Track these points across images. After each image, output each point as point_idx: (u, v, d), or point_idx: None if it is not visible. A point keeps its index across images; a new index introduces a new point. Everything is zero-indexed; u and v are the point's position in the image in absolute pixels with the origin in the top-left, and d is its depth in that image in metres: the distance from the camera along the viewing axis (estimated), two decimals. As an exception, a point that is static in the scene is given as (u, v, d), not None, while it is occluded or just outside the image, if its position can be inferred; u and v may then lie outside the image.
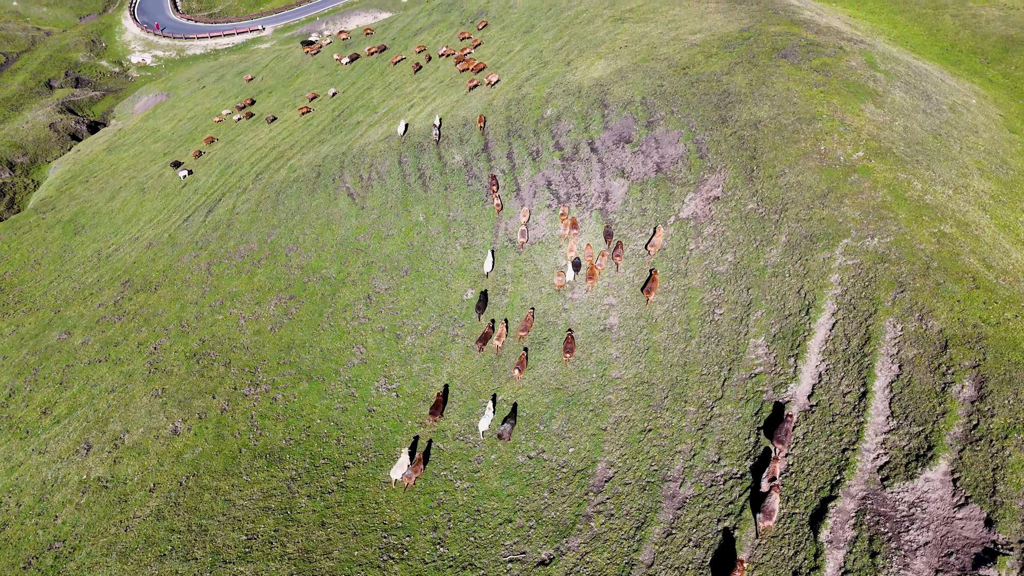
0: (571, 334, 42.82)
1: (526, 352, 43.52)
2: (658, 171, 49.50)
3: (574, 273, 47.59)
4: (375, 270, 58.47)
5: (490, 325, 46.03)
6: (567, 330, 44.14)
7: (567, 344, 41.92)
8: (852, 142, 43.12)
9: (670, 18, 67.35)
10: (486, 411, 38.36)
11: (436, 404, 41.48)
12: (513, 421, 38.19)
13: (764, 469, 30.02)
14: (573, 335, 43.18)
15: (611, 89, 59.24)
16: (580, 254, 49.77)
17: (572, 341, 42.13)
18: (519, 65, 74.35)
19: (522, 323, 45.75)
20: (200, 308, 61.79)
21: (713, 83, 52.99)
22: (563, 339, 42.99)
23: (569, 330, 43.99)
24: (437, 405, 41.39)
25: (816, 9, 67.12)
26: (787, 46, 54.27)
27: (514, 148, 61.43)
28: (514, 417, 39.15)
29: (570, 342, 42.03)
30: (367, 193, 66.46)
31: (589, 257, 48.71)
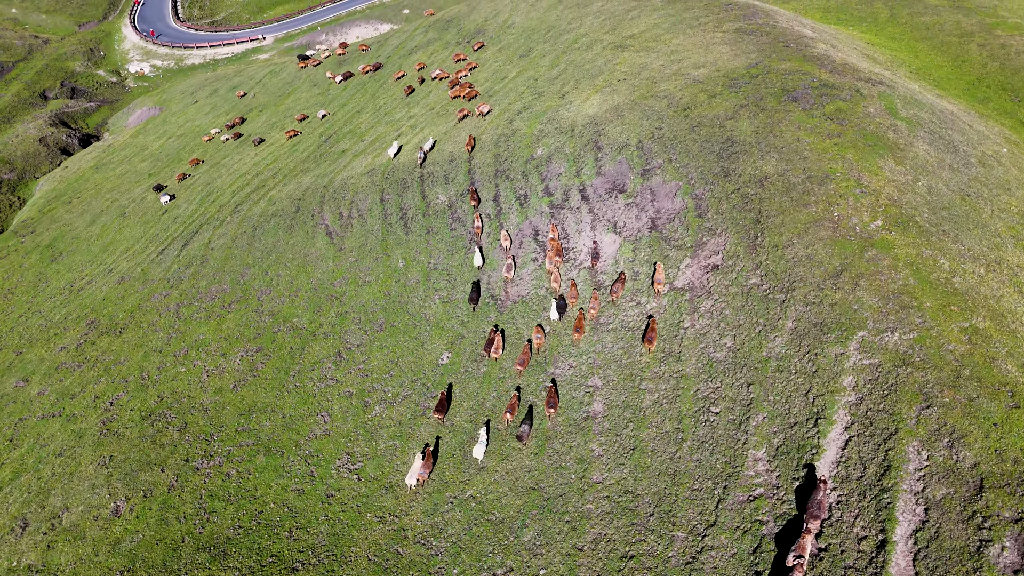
0: (554, 386, 39.57)
1: (518, 393, 40.46)
2: (652, 228, 44.81)
3: (558, 316, 44.27)
4: (349, 322, 54.09)
5: (493, 331, 45.42)
6: (549, 381, 40.04)
7: (549, 398, 38.57)
8: (870, 208, 38.25)
9: (673, 48, 62.59)
10: (480, 437, 38.05)
11: (441, 403, 42.02)
12: (531, 423, 38.07)
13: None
14: (556, 387, 39.78)
15: (606, 129, 54.61)
16: (566, 292, 46.33)
17: (555, 395, 38.80)
18: (512, 95, 69.83)
19: (520, 356, 42.49)
20: (163, 357, 57.63)
21: (716, 128, 48.22)
22: (545, 393, 39.57)
23: (552, 381, 39.79)
24: (442, 404, 41.90)
25: (831, 39, 62.13)
26: (798, 87, 49.41)
27: (501, 190, 56.95)
28: (531, 419, 38.53)
29: (553, 396, 38.74)
30: (346, 232, 62.16)
31: (573, 299, 45.21)
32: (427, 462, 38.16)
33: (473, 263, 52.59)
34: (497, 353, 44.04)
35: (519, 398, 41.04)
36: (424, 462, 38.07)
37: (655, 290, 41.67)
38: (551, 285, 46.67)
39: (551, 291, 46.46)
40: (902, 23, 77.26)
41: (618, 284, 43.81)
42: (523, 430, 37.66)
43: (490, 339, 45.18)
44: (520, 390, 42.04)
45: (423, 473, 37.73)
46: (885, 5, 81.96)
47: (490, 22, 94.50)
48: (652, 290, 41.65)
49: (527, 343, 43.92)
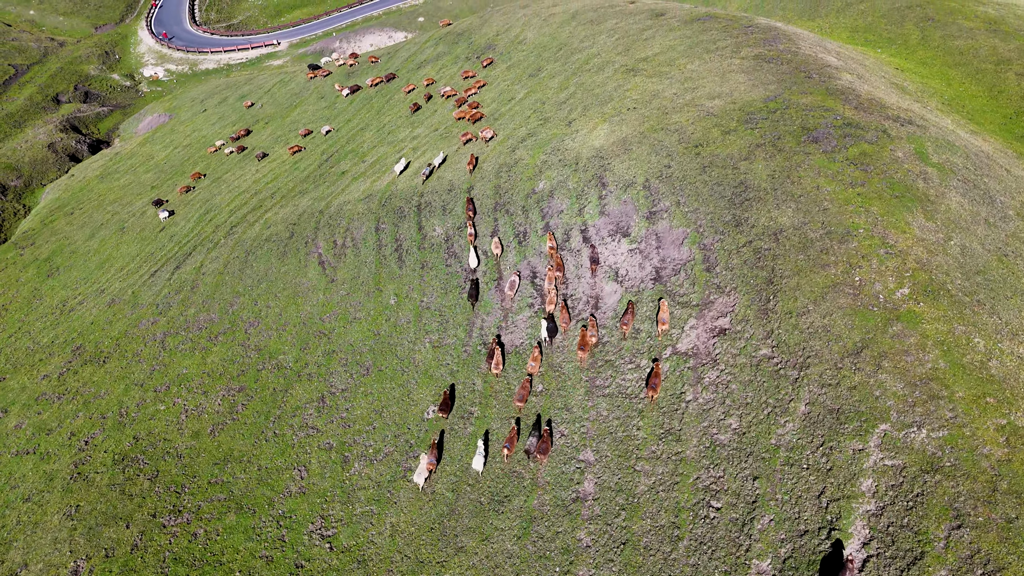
0: (548, 430, 37.35)
1: (517, 427, 38.63)
2: (656, 279, 41.31)
3: (549, 338, 42.99)
4: (335, 362, 51.18)
5: (494, 341, 44.81)
6: (545, 423, 37.86)
7: (541, 444, 36.54)
8: (895, 272, 34.48)
9: (687, 74, 58.94)
10: (479, 449, 37.94)
11: (444, 402, 42.20)
12: (539, 434, 37.24)
13: None
14: (551, 431, 37.70)
15: (612, 164, 51.15)
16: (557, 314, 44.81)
17: (548, 439, 36.76)
18: (518, 119, 66.54)
19: (518, 391, 40.38)
20: (144, 392, 55.10)
21: (729, 170, 44.58)
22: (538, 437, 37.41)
23: (548, 423, 37.74)
24: (445, 403, 42.08)
25: (857, 67, 58.12)
26: (820, 126, 45.63)
27: (500, 225, 53.72)
28: (539, 430, 37.75)
29: (546, 441, 36.67)
30: (339, 263, 59.27)
31: (565, 324, 43.58)
32: (432, 452, 39.18)
33: (468, 264, 52.10)
34: (498, 369, 42.63)
35: (518, 431, 38.76)
36: (431, 452, 39.20)
37: (659, 330, 38.95)
38: (547, 307, 44.68)
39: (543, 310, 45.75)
40: (934, 47, 72.95)
41: (628, 316, 40.83)
42: (531, 443, 36.79)
43: (490, 351, 44.21)
44: (519, 422, 39.26)
45: (432, 461, 38.87)
46: (916, 26, 77.65)
47: (501, 36, 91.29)
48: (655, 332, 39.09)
49: (527, 377, 41.46)
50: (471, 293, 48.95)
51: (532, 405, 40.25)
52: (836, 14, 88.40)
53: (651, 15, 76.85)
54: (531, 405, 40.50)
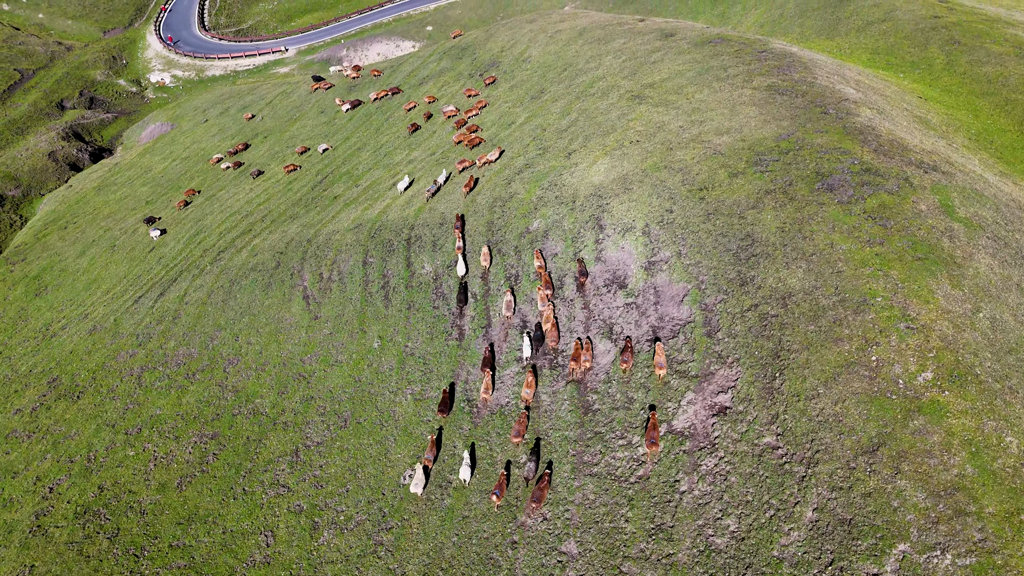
0: (548, 474, 35.11)
1: (507, 472, 36.53)
2: (654, 339, 37.81)
3: (531, 350, 42.19)
4: (313, 411, 48.14)
5: (487, 349, 44.25)
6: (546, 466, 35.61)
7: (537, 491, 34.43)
8: (917, 352, 30.81)
9: (695, 105, 55.36)
10: (464, 460, 37.77)
11: (443, 401, 41.86)
12: (537, 459, 36.14)
13: None
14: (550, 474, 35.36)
15: (611, 204, 47.75)
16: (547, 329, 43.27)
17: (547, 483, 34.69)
18: (517, 146, 63.24)
19: (515, 427, 37.99)
20: (115, 434, 52.40)
21: (735, 220, 41.02)
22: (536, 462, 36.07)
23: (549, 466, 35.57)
24: (444, 402, 41.69)
25: (877, 100, 54.29)
26: (835, 172, 41.95)
27: (491, 266, 50.35)
28: (538, 454, 36.58)
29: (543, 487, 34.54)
30: (324, 298, 56.25)
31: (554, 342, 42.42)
32: (431, 449, 39.43)
33: (456, 272, 51.15)
34: (488, 394, 41.44)
35: (507, 478, 36.58)
36: (429, 449, 39.52)
37: (656, 374, 36.59)
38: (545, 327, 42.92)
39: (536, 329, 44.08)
40: (960, 73, 68.86)
41: (627, 353, 38.04)
42: (529, 468, 35.58)
43: (484, 358, 43.21)
44: (509, 467, 36.81)
45: (430, 457, 39.00)
46: (941, 50, 73.54)
47: (506, 53, 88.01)
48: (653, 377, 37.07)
49: (524, 411, 39.07)
50: (459, 298, 48.50)
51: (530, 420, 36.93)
52: (856, 33, 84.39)
53: (660, 35, 73.29)
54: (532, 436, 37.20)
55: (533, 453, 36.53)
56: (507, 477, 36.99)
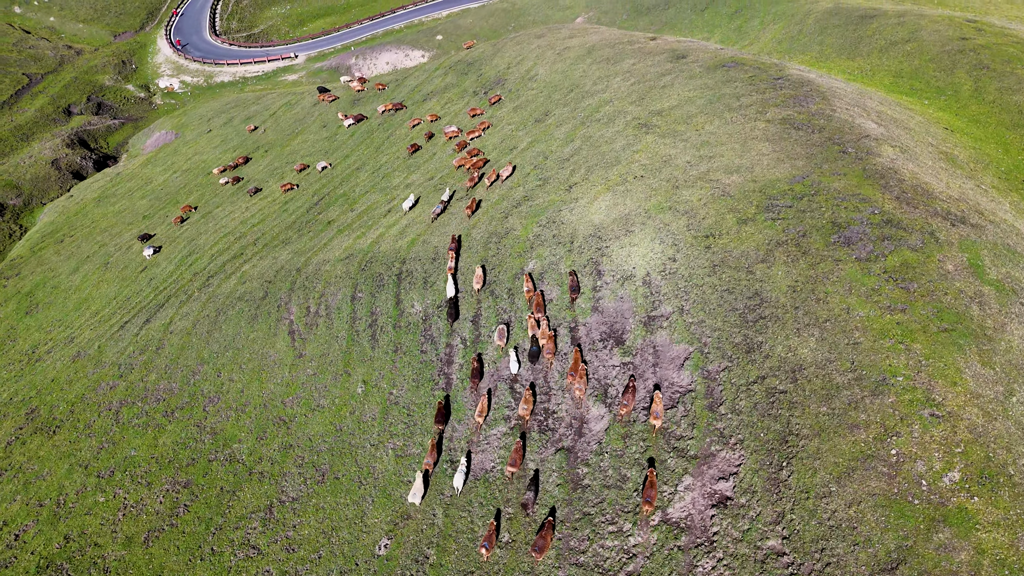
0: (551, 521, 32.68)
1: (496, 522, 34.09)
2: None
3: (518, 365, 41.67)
4: (290, 460, 45.40)
5: (475, 360, 43.65)
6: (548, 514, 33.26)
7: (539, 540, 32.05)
8: (943, 445, 27.41)
9: (704, 137, 52.05)
10: (459, 467, 37.46)
11: (439, 413, 41.34)
12: (536, 489, 34.78)
13: None
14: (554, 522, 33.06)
15: (611, 248, 44.57)
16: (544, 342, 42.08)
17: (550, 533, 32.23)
18: (517, 175, 60.21)
19: (511, 455, 36.23)
20: (87, 476, 49.97)
21: (742, 274, 37.69)
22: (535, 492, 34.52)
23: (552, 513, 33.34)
24: (440, 413, 41.14)
25: (901, 135, 50.68)
26: (854, 222, 38.51)
27: (483, 309, 47.40)
28: (536, 485, 35.01)
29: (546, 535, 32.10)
30: (310, 334, 53.51)
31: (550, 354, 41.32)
32: (431, 453, 39.20)
33: (446, 293, 49.47)
34: (481, 418, 40.25)
35: (497, 528, 34.34)
36: (429, 453, 39.32)
37: (651, 424, 34.34)
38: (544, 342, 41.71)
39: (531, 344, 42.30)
40: (989, 101, 64.96)
41: (628, 395, 35.61)
42: (528, 497, 34.36)
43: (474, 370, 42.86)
44: (499, 515, 34.43)
45: (429, 462, 38.72)
46: (969, 75, 69.64)
47: (512, 70, 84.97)
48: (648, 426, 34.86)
49: (520, 439, 37.30)
50: (450, 313, 47.42)
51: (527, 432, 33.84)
52: (879, 54, 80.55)
53: (671, 57, 69.94)
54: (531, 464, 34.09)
55: (532, 482, 35.02)
56: (496, 528, 34.51)
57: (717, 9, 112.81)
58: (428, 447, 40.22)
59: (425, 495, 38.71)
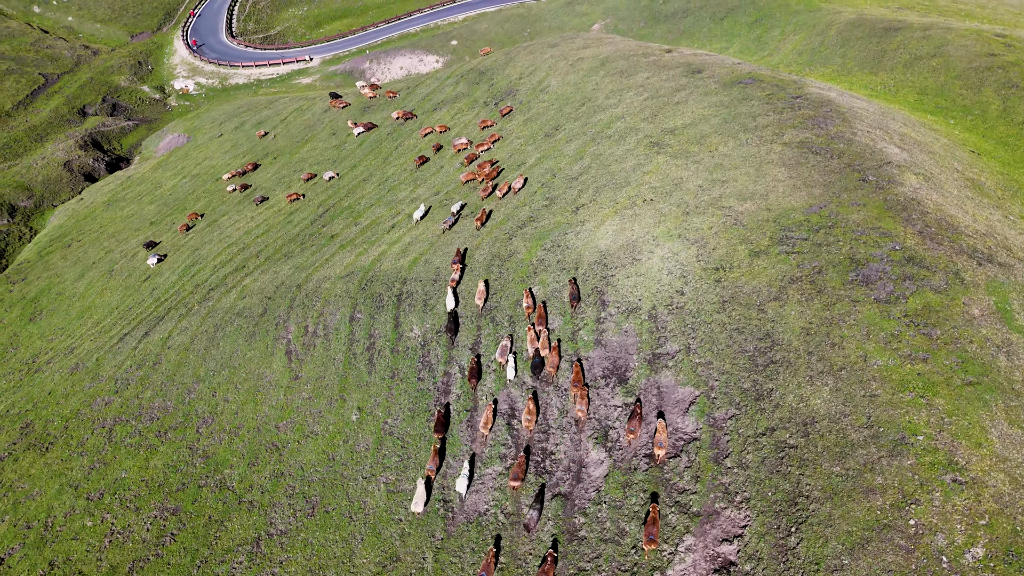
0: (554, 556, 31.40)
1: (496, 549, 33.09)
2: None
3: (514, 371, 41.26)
4: (281, 490, 43.95)
5: (473, 360, 43.53)
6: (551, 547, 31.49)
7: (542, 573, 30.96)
8: (965, 516, 25.27)
9: (718, 159, 50.00)
10: (463, 471, 37.01)
11: (439, 421, 41.03)
12: (540, 507, 33.62)
13: None
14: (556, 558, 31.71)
15: (616, 277, 42.67)
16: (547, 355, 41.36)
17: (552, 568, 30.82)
18: (524, 193, 58.46)
19: (513, 470, 35.67)
20: (76, 498, 48.90)
21: (753, 312, 35.66)
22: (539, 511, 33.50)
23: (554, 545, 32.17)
24: (439, 422, 40.65)
25: (924, 160, 48.34)
26: (873, 259, 36.34)
27: (482, 337, 45.70)
28: (541, 502, 33.85)
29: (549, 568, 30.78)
30: (307, 355, 52.11)
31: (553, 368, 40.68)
32: (433, 459, 38.79)
33: (446, 306, 48.64)
34: (486, 429, 39.24)
35: (496, 557, 33.20)
36: (432, 459, 38.85)
37: (655, 454, 32.80)
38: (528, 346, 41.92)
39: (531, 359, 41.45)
40: (1018, 122, 62.33)
41: (635, 420, 34.19)
42: (531, 517, 33.30)
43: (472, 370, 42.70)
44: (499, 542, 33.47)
45: (432, 468, 38.41)
46: (997, 94, 66.94)
47: (524, 80, 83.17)
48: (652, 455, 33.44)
49: (522, 454, 36.56)
50: (449, 327, 46.37)
51: None
52: (903, 69, 77.91)
53: (687, 71, 67.82)
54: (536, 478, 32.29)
55: (536, 500, 33.93)
56: (496, 555, 33.41)
57: (736, 18, 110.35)
58: (430, 453, 39.51)
59: (428, 502, 37.97)
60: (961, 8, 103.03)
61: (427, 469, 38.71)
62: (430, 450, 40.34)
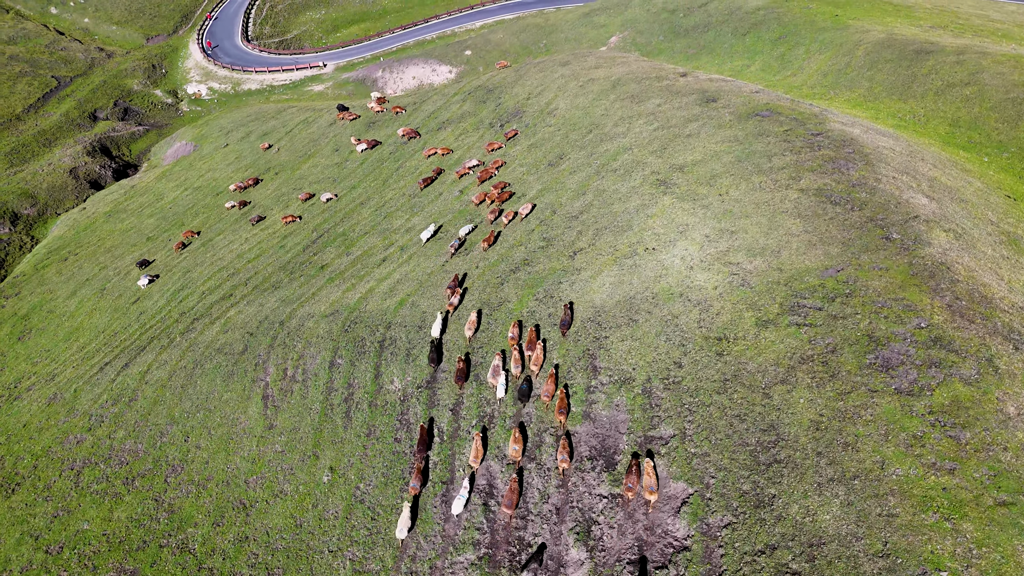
0: None
1: None
2: (636, 566, 28.94)
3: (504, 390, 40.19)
4: (244, 557, 40.93)
5: (460, 359, 42.87)
6: None
7: None
8: None
9: (728, 204, 46.03)
10: (462, 490, 35.50)
11: (460, 371, 41.51)
12: (539, 564, 31.39)
13: None
14: None
15: (610, 339, 38.97)
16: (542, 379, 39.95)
17: None
18: (520, 231, 54.90)
19: (507, 496, 34.31)
20: (35, 550, 46.35)
21: (757, 397, 31.73)
22: None
23: None
24: (423, 440, 39.49)
25: (955, 212, 43.98)
26: (894, 339, 32.23)
27: (464, 398, 42.07)
28: (541, 557, 31.56)
29: None
30: (283, 402, 49.04)
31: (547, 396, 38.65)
32: (416, 477, 37.73)
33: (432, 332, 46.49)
34: (476, 462, 37.33)
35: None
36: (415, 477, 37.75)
37: (647, 499, 30.65)
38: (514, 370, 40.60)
39: None
40: (1059, 163, 57.43)
41: (632, 476, 31.62)
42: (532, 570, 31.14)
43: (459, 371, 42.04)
44: None
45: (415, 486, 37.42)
46: (1036, 129, 62.05)
47: (532, 101, 79.53)
48: None
49: (514, 477, 35.03)
50: (432, 357, 44.42)
51: None
52: (934, 97, 73.14)
53: (701, 99, 63.75)
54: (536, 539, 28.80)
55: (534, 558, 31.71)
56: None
57: (760, 34, 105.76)
58: (414, 471, 38.13)
59: (412, 528, 36.31)
60: (997, 27, 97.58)
61: (411, 487, 37.40)
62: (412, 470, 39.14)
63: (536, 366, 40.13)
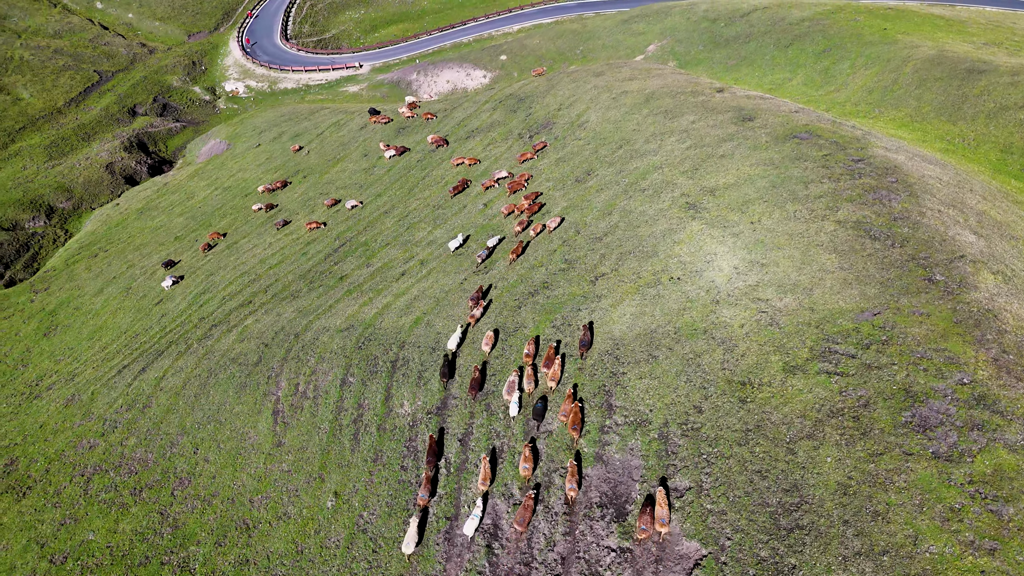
0: None
1: None
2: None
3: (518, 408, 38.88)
4: (242, 583, 39.68)
5: (476, 368, 42.47)
6: None
7: None
8: None
9: (759, 234, 43.76)
10: (475, 510, 34.51)
11: (475, 380, 41.12)
12: None
13: None
14: None
15: (628, 376, 37.06)
16: None
17: None
18: (543, 248, 53.23)
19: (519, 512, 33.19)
20: (40, 558, 46.39)
21: (781, 451, 29.58)
22: None
23: None
24: (432, 450, 38.74)
25: (1004, 251, 41.10)
26: (933, 395, 29.79)
27: (473, 428, 40.57)
28: None
29: None
30: (293, 419, 48.12)
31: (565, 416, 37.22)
32: (425, 487, 37.04)
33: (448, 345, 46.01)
34: (484, 485, 36.00)
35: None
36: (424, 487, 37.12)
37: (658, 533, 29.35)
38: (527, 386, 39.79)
39: None
40: (1121, 197, 53.81)
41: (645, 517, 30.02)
42: None
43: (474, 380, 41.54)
44: None
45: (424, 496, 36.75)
46: (1096, 160, 58.32)
47: (563, 112, 77.71)
48: None
49: (530, 494, 33.91)
50: (443, 372, 43.70)
51: None
52: (985, 120, 69.56)
53: (736, 118, 61.30)
54: None
55: None
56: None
57: (803, 46, 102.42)
58: (423, 481, 37.65)
59: (420, 543, 35.33)
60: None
61: (419, 498, 36.68)
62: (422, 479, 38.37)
63: (553, 382, 38.93)
